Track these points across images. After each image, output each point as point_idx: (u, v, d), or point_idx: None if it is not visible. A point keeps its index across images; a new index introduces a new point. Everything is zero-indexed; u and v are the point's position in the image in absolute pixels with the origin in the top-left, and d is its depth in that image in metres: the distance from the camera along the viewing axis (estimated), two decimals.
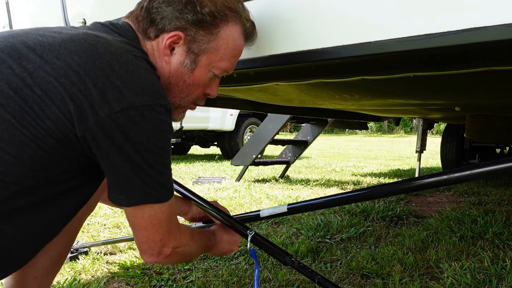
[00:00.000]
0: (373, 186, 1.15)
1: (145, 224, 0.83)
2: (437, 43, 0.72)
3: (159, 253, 0.87)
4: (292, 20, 0.95)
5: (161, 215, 0.83)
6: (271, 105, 2.51)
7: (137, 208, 0.81)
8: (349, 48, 0.85)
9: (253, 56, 1.03)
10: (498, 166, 0.89)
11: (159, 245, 0.86)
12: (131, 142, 0.75)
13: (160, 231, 0.85)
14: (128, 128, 0.74)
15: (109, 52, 0.77)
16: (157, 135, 0.78)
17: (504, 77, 1.09)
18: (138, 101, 0.75)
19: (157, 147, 0.78)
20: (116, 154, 0.76)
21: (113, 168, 0.78)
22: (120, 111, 0.73)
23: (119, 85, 0.74)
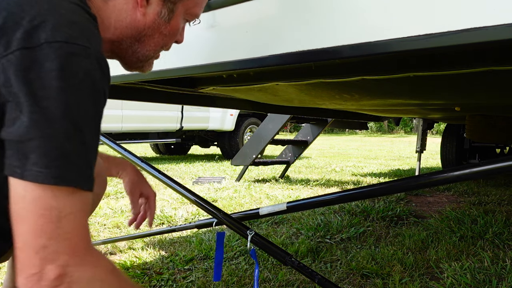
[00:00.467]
0: (373, 185, 1.15)
1: (25, 212, 0.56)
2: (437, 43, 0.72)
3: (40, 274, 0.55)
4: (292, 20, 0.95)
5: (54, 202, 0.57)
6: (271, 105, 2.51)
7: (16, 183, 0.57)
8: (349, 48, 0.85)
9: (253, 56, 1.03)
10: (498, 165, 0.89)
11: (41, 255, 0.55)
12: (30, 86, 0.57)
13: (46, 230, 0.56)
14: (27, 70, 0.57)
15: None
16: (67, 78, 0.58)
17: (504, 77, 1.09)
18: (44, 38, 0.58)
19: (65, 95, 0.58)
20: (11, 106, 0.58)
21: (8, 123, 0.58)
22: (19, 49, 0.58)
23: (25, 24, 0.59)
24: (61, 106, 0.58)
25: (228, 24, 1.05)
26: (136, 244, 2.09)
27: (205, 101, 2.12)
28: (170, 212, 2.76)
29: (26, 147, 0.57)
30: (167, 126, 6.52)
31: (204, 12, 1.08)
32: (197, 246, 1.99)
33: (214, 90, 1.75)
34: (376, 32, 0.80)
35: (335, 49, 0.86)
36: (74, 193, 0.59)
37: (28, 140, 0.56)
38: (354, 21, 0.83)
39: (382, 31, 0.79)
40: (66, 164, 0.58)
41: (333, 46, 0.87)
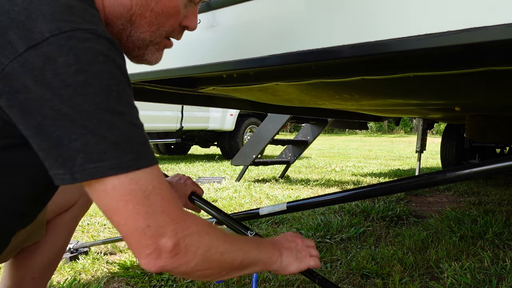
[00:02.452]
0: (373, 185, 1.15)
1: (113, 203, 0.58)
2: (437, 43, 0.72)
3: (158, 249, 0.59)
4: (292, 20, 0.95)
5: (133, 185, 0.57)
6: (271, 105, 2.52)
7: (92, 183, 0.57)
8: (349, 48, 0.85)
9: (253, 56, 1.03)
10: (498, 165, 0.89)
11: (149, 234, 0.58)
12: (51, 87, 0.54)
13: (141, 211, 0.58)
14: (42, 70, 0.54)
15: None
16: (87, 68, 0.55)
17: (504, 77, 1.09)
18: (48, 31, 0.54)
19: (92, 87, 0.55)
20: (36, 111, 0.55)
21: (36, 133, 0.56)
22: (27, 50, 0.54)
23: (23, 19, 0.55)
24: (91, 99, 0.55)
25: (228, 24, 1.05)
26: None
27: (205, 101, 2.13)
28: None
29: (70, 150, 0.55)
30: (167, 126, 6.52)
31: (204, 12, 1.08)
32: None
33: (214, 90, 1.75)
34: (376, 32, 0.80)
35: (335, 49, 0.86)
36: (140, 173, 0.58)
37: (71, 142, 0.55)
38: (354, 21, 0.83)
39: (382, 31, 0.79)
40: (120, 150, 0.56)
41: (333, 46, 0.87)
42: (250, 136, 7.13)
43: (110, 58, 0.58)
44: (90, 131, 0.55)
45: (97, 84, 0.56)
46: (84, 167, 0.55)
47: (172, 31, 0.80)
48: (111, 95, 0.57)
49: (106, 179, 0.56)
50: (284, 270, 0.87)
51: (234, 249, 0.72)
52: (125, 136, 0.57)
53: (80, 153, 0.55)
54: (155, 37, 0.78)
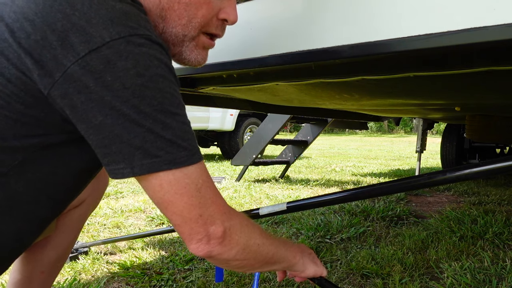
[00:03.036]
0: (373, 185, 1.15)
1: (169, 196, 0.64)
2: (437, 43, 0.72)
3: (208, 235, 0.66)
4: (292, 20, 0.95)
5: (187, 180, 0.64)
6: (271, 105, 2.51)
7: (148, 177, 0.63)
8: (349, 48, 0.85)
9: (253, 56, 1.03)
10: (498, 165, 0.89)
11: (201, 222, 0.65)
12: (112, 89, 0.58)
13: (195, 202, 0.65)
14: (103, 73, 0.58)
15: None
16: (144, 72, 0.60)
17: (504, 77, 1.09)
18: (108, 36, 0.59)
19: (149, 90, 0.60)
20: (97, 110, 0.59)
21: (98, 131, 0.61)
22: (88, 53, 0.58)
23: (83, 24, 0.59)
24: (148, 101, 0.60)
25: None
26: (136, 244, 2.09)
27: (205, 101, 2.12)
28: None
29: (130, 146, 0.60)
30: None
31: None
32: None
33: (214, 90, 1.75)
34: (376, 32, 0.80)
35: (335, 49, 0.86)
36: (191, 168, 0.64)
37: (130, 139, 0.60)
38: (354, 21, 0.83)
39: (382, 31, 0.79)
40: (175, 147, 0.62)
41: (333, 46, 0.87)
42: (250, 136, 7.13)
43: (163, 62, 0.63)
44: (148, 129, 0.60)
45: (153, 87, 0.61)
46: (143, 162, 0.61)
47: (208, 24, 0.79)
48: (165, 97, 0.62)
49: (161, 173, 0.62)
50: (303, 272, 0.94)
51: (269, 243, 0.78)
52: (178, 135, 0.63)
53: (139, 149, 0.61)
54: (189, 31, 0.77)
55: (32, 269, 1.06)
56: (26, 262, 1.06)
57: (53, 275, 1.12)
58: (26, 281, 1.06)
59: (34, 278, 1.07)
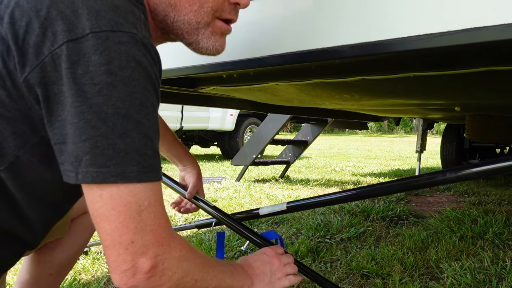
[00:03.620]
0: (373, 185, 1.15)
1: (104, 210, 0.56)
2: (438, 43, 0.72)
3: (134, 267, 0.57)
4: (292, 20, 0.95)
5: (130, 198, 0.56)
6: (271, 105, 2.51)
7: (91, 186, 0.56)
8: (349, 48, 0.84)
9: (253, 56, 1.03)
10: (498, 165, 0.89)
11: (131, 251, 0.57)
12: (79, 83, 0.54)
13: (130, 226, 0.56)
14: (75, 64, 0.54)
15: None
16: (117, 72, 0.55)
17: (504, 77, 1.09)
18: (89, 28, 0.55)
19: (117, 91, 0.55)
20: (60, 106, 0.55)
21: (60, 126, 0.56)
22: (66, 42, 0.55)
23: (69, 13, 0.56)
24: (113, 102, 0.55)
25: None
26: None
27: (205, 101, 2.12)
28: (170, 212, 2.76)
29: (79, 149, 0.55)
30: None
31: None
32: (197, 246, 1.99)
33: (214, 90, 1.75)
34: (376, 32, 0.80)
35: (335, 49, 0.86)
36: (141, 186, 0.57)
37: (81, 142, 0.55)
38: (354, 21, 0.83)
39: (382, 31, 0.79)
40: (127, 159, 0.56)
41: (333, 46, 0.86)
42: (250, 136, 7.13)
43: (142, 65, 0.58)
44: (102, 133, 0.54)
45: (122, 88, 0.55)
46: (88, 170, 0.55)
47: (221, 9, 0.75)
48: (133, 102, 0.56)
49: (106, 185, 0.55)
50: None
51: (210, 277, 0.70)
52: (135, 146, 0.56)
53: (87, 154, 0.55)
54: (202, 17, 0.73)
55: (41, 270, 1.06)
56: (36, 262, 1.06)
57: (61, 277, 1.12)
58: (33, 281, 1.06)
59: (42, 280, 1.06)
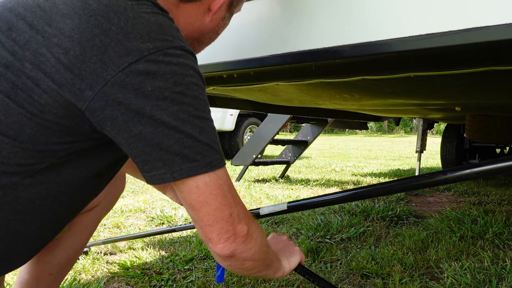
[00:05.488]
0: (373, 185, 1.15)
1: (204, 197, 0.67)
2: (437, 43, 0.71)
3: (235, 234, 0.70)
4: (292, 20, 0.95)
5: (220, 181, 0.68)
6: (271, 105, 2.51)
7: (186, 180, 0.66)
8: (349, 48, 0.84)
9: (253, 56, 1.03)
10: (498, 165, 0.89)
11: (231, 221, 0.69)
12: (151, 99, 0.61)
13: (226, 202, 0.69)
14: (142, 84, 0.61)
15: (104, 5, 0.64)
16: (181, 81, 0.64)
17: (504, 77, 1.09)
18: (146, 49, 0.62)
19: (186, 97, 0.64)
20: (137, 121, 0.62)
21: (139, 140, 0.63)
22: (128, 66, 0.61)
23: (121, 38, 0.62)
24: (186, 108, 0.64)
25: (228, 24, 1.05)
26: (136, 244, 2.09)
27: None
28: (170, 212, 2.76)
29: (169, 153, 0.64)
30: None
31: None
32: (197, 246, 1.99)
33: (214, 90, 1.75)
34: (376, 32, 0.80)
35: (335, 49, 0.86)
36: (222, 170, 0.69)
37: (170, 146, 0.63)
38: (354, 21, 0.83)
39: (382, 31, 0.79)
40: (210, 150, 0.66)
41: (333, 46, 0.86)
42: (250, 136, 7.13)
43: (196, 70, 0.68)
44: (186, 135, 0.64)
45: (189, 94, 0.65)
46: (182, 167, 0.64)
47: None
48: (200, 104, 0.66)
49: (198, 176, 0.66)
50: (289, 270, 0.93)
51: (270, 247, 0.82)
52: (212, 139, 0.67)
53: (178, 155, 0.64)
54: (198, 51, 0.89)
55: (41, 270, 1.06)
56: (36, 262, 1.06)
57: (61, 277, 1.12)
58: (33, 281, 1.06)
59: (42, 279, 1.07)
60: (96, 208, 1.13)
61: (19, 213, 0.68)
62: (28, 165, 0.66)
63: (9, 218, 0.68)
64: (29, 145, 0.65)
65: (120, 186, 1.18)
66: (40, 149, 0.66)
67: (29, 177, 0.67)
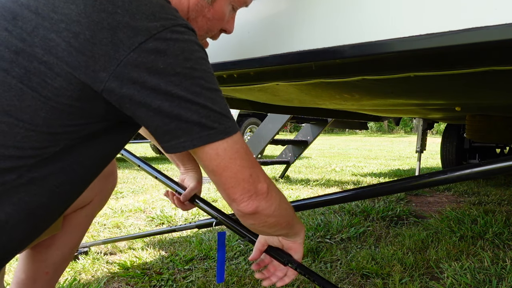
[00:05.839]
0: (373, 185, 1.15)
1: (225, 162, 0.71)
2: (437, 43, 0.71)
3: (256, 192, 0.75)
4: (292, 20, 0.95)
5: (237, 145, 0.72)
6: (271, 105, 2.52)
7: (205, 148, 0.70)
8: (349, 48, 0.84)
9: (253, 56, 1.03)
10: (498, 165, 0.89)
11: (251, 181, 0.74)
12: (165, 75, 0.65)
13: (245, 164, 0.73)
14: (154, 62, 0.64)
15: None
16: (191, 56, 0.67)
17: (504, 77, 1.09)
18: (154, 28, 0.65)
19: (197, 71, 0.68)
20: (154, 97, 0.65)
21: (157, 114, 0.67)
22: (138, 46, 0.64)
23: (128, 20, 0.64)
24: (198, 81, 0.67)
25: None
26: (136, 244, 2.09)
27: None
28: (170, 212, 2.76)
29: (188, 122, 0.67)
30: None
31: None
32: (197, 246, 1.99)
33: None
34: (376, 32, 0.80)
35: (335, 49, 0.86)
36: (237, 135, 0.73)
37: (188, 116, 0.67)
38: (354, 21, 0.83)
39: (382, 31, 0.79)
40: (225, 118, 0.70)
41: (333, 46, 0.86)
42: (250, 136, 7.13)
43: (200, 46, 0.71)
44: (202, 106, 0.67)
45: (199, 68, 0.68)
46: (201, 134, 0.68)
47: (214, 35, 0.90)
48: (209, 76, 0.70)
49: (217, 143, 0.70)
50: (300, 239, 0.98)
51: (290, 207, 0.86)
52: (224, 108, 0.71)
53: (197, 124, 0.68)
54: (202, 39, 0.87)
55: (37, 269, 1.06)
56: (31, 261, 1.06)
57: (57, 275, 1.12)
58: (30, 281, 1.06)
59: (38, 278, 1.07)
60: (89, 205, 1.13)
61: (35, 195, 0.69)
62: (43, 148, 0.67)
63: (24, 200, 0.68)
64: (44, 129, 0.66)
65: (112, 183, 1.19)
66: (54, 131, 0.67)
67: (44, 160, 0.68)
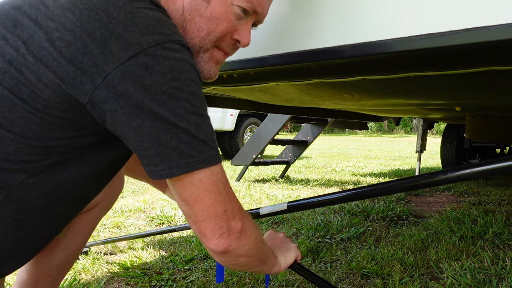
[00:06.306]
0: (373, 185, 1.15)
1: (198, 193, 0.68)
2: (437, 43, 0.71)
3: (229, 230, 0.71)
4: (292, 20, 0.94)
5: (215, 178, 0.68)
6: (271, 105, 2.51)
7: (182, 177, 0.66)
8: (349, 48, 0.84)
9: (253, 56, 1.03)
10: (498, 165, 0.89)
11: (225, 217, 0.70)
12: (150, 93, 0.62)
13: (221, 198, 0.69)
14: (141, 78, 0.62)
15: (104, 0, 0.65)
16: (179, 76, 0.64)
17: (504, 77, 1.09)
18: (146, 43, 0.63)
19: (183, 93, 0.64)
20: (136, 115, 0.63)
21: (137, 134, 0.64)
22: (128, 60, 0.62)
23: (121, 32, 0.62)
24: (182, 103, 0.64)
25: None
26: (136, 244, 2.09)
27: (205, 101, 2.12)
28: (170, 212, 2.76)
29: (167, 147, 0.64)
30: None
31: None
32: (197, 246, 1.99)
33: (214, 90, 1.75)
34: (376, 32, 0.80)
35: (335, 49, 0.86)
36: (217, 167, 0.69)
37: (167, 140, 0.64)
38: (354, 21, 0.83)
39: (382, 31, 0.79)
40: (206, 147, 0.67)
41: (333, 46, 0.86)
42: (250, 136, 7.12)
43: (193, 66, 0.68)
44: (183, 130, 0.64)
45: (186, 90, 0.65)
46: (179, 163, 0.65)
47: (223, 40, 0.81)
48: (196, 100, 0.66)
49: (194, 172, 0.66)
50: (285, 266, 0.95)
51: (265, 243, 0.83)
52: (208, 135, 0.68)
53: (175, 150, 0.64)
54: (205, 43, 0.80)
55: (40, 271, 1.06)
56: (35, 263, 1.06)
57: (60, 278, 1.11)
58: (32, 282, 1.06)
59: (41, 280, 1.06)
60: (95, 209, 1.12)
61: (25, 212, 0.69)
62: (33, 162, 0.67)
63: (14, 218, 0.68)
64: (34, 141, 0.65)
65: (118, 187, 1.18)
66: (44, 144, 0.66)
67: (33, 176, 0.67)
